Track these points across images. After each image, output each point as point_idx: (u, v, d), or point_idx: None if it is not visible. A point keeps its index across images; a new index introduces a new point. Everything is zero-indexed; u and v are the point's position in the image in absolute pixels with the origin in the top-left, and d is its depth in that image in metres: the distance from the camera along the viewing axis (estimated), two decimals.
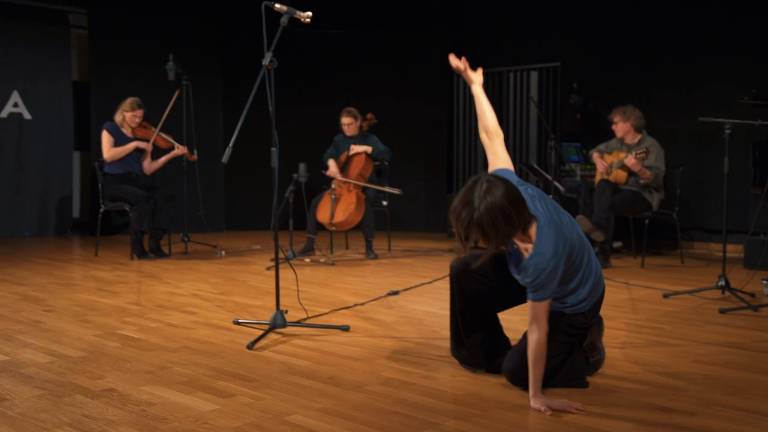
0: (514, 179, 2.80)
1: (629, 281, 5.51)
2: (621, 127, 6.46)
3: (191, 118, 7.31)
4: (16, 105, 8.57)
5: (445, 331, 3.32)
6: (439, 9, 9.55)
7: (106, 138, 6.74)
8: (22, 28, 8.53)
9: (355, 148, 7.00)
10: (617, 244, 7.38)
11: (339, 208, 6.78)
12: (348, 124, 7.11)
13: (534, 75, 7.23)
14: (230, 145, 3.60)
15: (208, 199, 8.46)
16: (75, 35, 9.01)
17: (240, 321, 3.98)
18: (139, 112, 6.81)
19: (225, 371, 3.06)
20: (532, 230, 2.66)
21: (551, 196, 6.62)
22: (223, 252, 7.20)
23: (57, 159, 8.82)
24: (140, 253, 6.65)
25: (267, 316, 4.14)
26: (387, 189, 6.98)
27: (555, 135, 6.62)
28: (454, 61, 3.23)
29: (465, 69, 3.19)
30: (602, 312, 3.10)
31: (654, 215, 6.45)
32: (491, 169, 3.00)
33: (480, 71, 3.25)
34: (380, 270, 6.20)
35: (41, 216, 8.75)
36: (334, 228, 6.84)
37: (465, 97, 8.03)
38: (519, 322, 3.67)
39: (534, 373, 2.64)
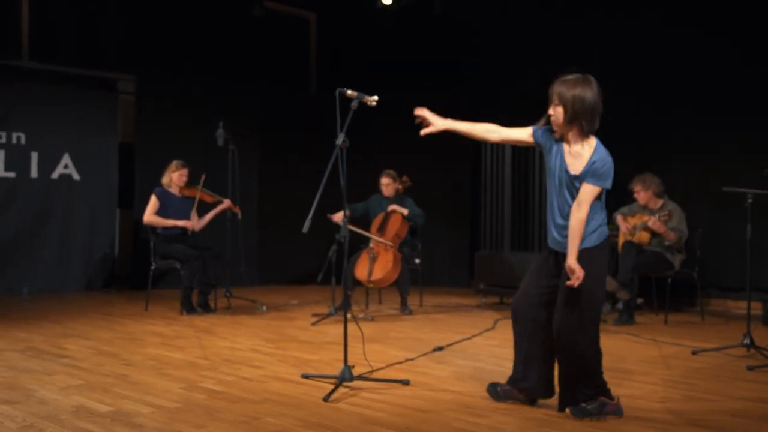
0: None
1: (656, 338, 5.85)
2: (643, 195, 6.88)
3: (236, 178, 7.76)
4: (66, 167, 9.07)
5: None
6: (455, 75, 10.12)
7: (153, 202, 7.20)
8: (73, 94, 9.08)
9: (397, 208, 7.41)
10: (639, 301, 7.73)
11: (377, 266, 7.17)
12: (386, 184, 7.56)
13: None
14: (310, 216, 4.00)
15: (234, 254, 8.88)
16: (122, 100, 9.55)
17: (308, 375, 4.35)
18: (185, 171, 7.31)
19: (310, 421, 3.43)
20: (593, 140, 3.53)
21: None
22: (265, 307, 7.57)
23: (101, 217, 9.28)
24: (189, 308, 7.04)
25: (327, 369, 4.52)
26: (379, 238, 7.24)
27: None
28: (418, 111, 3.83)
29: (425, 116, 3.80)
30: (637, 368, 3.46)
31: (676, 275, 6.82)
32: (520, 132, 3.71)
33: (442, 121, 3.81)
34: (418, 325, 6.56)
35: (85, 272, 9.17)
36: (371, 285, 7.22)
37: (490, 154, 8.46)
38: None
39: (573, 243, 3.45)
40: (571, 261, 3.45)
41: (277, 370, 4.56)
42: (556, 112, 3.49)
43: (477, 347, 5.47)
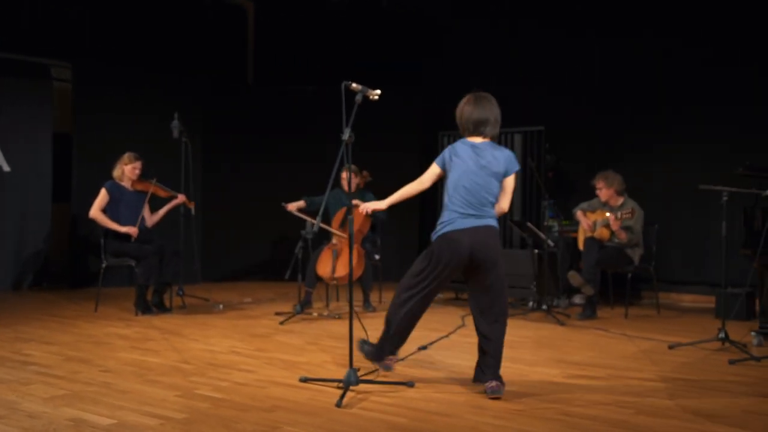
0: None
1: (626, 333, 5.96)
2: (605, 192, 6.99)
3: (189, 173, 7.45)
4: None
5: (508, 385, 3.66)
6: (407, 72, 10.09)
7: (102, 196, 6.82)
8: (4, 81, 8.50)
9: (366, 206, 7.25)
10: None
11: (340, 262, 7.02)
12: (347, 179, 7.38)
13: (518, 137, 7.74)
14: (318, 220, 3.85)
15: (187, 251, 8.56)
16: (56, 87, 9.01)
17: (307, 378, 4.19)
18: (138, 164, 6.94)
19: (334, 430, 3.29)
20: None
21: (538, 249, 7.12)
22: (221, 306, 7.31)
23: (33, 211, 8.74)
24: (144, 308, 6.71)
25: (321, 372, 4.38)
26: (342, 234, 7.16)
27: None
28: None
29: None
30: (624, 364, 3.51)
31: (635, 269, 6.99)
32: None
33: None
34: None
35: (13, 269, 8.62)
36: (335, 282, 7.07)
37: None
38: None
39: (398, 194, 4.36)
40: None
41: (271, 374, 4.38)
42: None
43: (457, 345, 5.43)
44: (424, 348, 5.24)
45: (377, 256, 7.57)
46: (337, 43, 10.28)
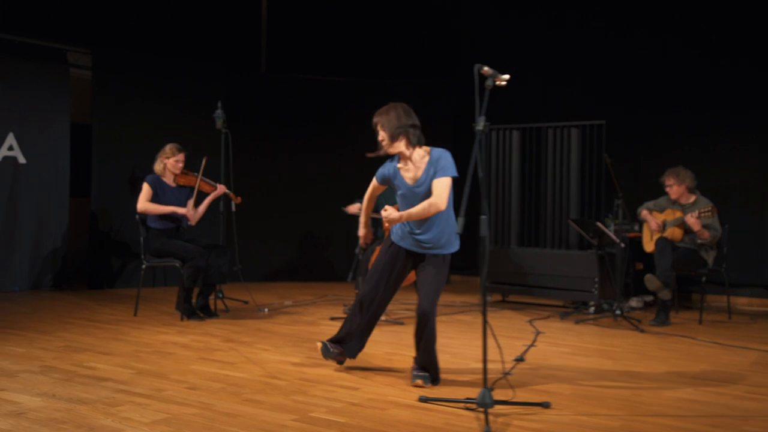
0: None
1: (717, 341, 5.59)
2: (675, 190, 6.62)
3: (230, 164, 6.95)
4: (11, 148, 7.90)
5: (648, 399, 3.25)
6: (435, 61, 9.70)
7: (146, 190, 6.28)
8: (19, 66, 7.91)
9: (388, 217, 6.82)
10: (649, 299, 7.55)
11: None
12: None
13: (575, 132, 7.33)
14: (461, 214, 3.40)
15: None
16: (73, 75, 8.41)
17: (427, 398, 3.75)
18: (181, 156, 6.40)
19: None
20: (424, 148, 4.16)
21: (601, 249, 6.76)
22: (266, 309, 6.83)
23: (51, 206, 8.16)
24: (190, 312, 6.20)
25: (435, 390, 3.95)
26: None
27: (623, 193, 6.74)
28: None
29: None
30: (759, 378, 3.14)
31: (710, 272, 6.63)
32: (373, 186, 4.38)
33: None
34: (452, 329, 6.04)
35: (32, 269, 8.04)
36: None
37: (495, 142, 8.00)
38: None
39: (412, 213, 4.05)
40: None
41: (379, 392, 3.92)
42: (383, 136, 4.14)
43: (551, 355, 5.02)
44: (521, 360, 4.83)
45: None
46: (365, 31, 9.82)
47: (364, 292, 4.29)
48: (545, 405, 3.67)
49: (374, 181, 4.35)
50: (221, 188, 6.62)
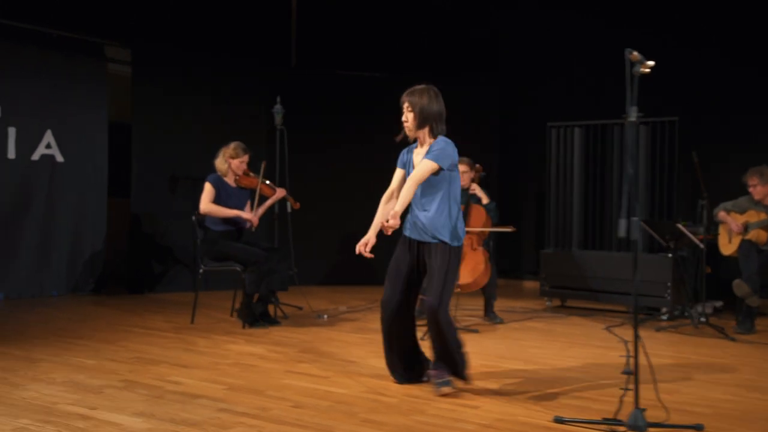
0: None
1: None
2: (760, 190, 6.30)
3: (285, 164, 6.61)
4: (48, 146, 7.53)
5: None
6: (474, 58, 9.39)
7: (209, 190, 5.93)
8: (56, 61, 7.54)
9: (481, 195, 6.47)
10: (718, 304, 7.23)
11: (466, 268, 6.22)
12: (463, 172, 6.58)
13: (643, 129, 7.01)
14: (623, 215, 3.07)
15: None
16: (111, 70, 8.04)
17: (563, 419, 3.40)
18: (246, 158, 6.05)
19: None
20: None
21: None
22: (325, 316, 6.49)
23: (90, 207, 7.80)
24: (252, 320, 5.85)
25: (558, 407, 3.61)
26: (500, 228, 6.45)
27: (707, 194, 6.42)
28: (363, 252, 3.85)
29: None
30: None
31: None
32: (398, 176, 4.08)
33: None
34: (536, 336, 5.71)
35: (71, 272, 7.67)
36: (458, 290, 6.27)
37: (555, 140, 7.65)
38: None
39: (402, 198, 3.80)
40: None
41: (507, 411, 3.56)
42: (409, 118, 3.89)
43: (659, 369, 4.67)
44: (630, 372, 4.48)
45: None
46: (405, 25, 9.47)
47: (382, 300, 4.00)
48: (698, 427, 3.32)
49: (397, 170, 4.09)
50: (281, 192, 6.29)
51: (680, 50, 8.02)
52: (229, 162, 5.99)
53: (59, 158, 7.59)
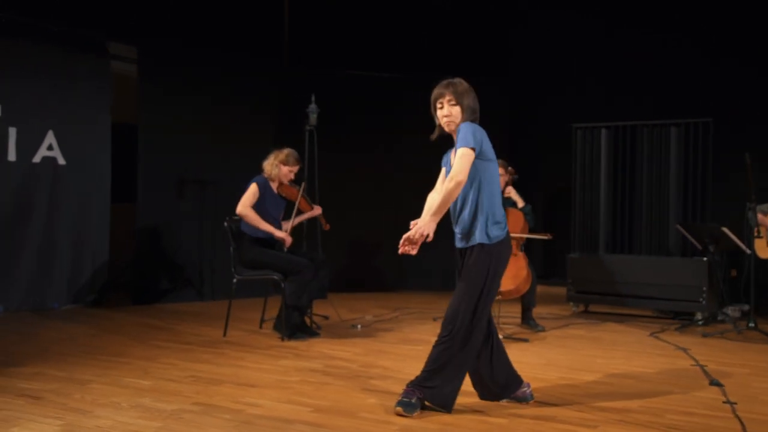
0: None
1: None
2: None
3: (314, 168, 6.29)
4: (50, 148, 7.07)
5: None
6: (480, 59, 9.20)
7: (253, 191, 5.59)
8: (58, 58, 7.08)
9: (516, 198, 6.29)
10: (745, 308, 7.15)
11: (507, 274, 5.99)
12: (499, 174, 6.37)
13: (674, 130, 6.90)
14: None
15: None
16: (114, 68, 7.59)
17: None
18: (296, 168, 5.76)
19: None
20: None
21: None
22: (360, 326, 6.20)
23: (93, 213, 7.34)
24: (292, 332, 5.52)
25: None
26: (537, 235, 6.28)
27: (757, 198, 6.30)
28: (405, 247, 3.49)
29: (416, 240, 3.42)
30: None
31: None
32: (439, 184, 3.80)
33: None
34: (590, 345, 5.51)
35: (72, 282, 7.21)
36: (499, 297, 6.05)
37: (581, 143, 7.50)
38: None
39: (439, 203, 3.43)
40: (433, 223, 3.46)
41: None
42: (453, 112, 3.59)
43: (741, 379, 4.53)
44: (719, 384, 4.31)
45: None
46: (411, 25, 9.23)
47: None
48: None
49: (443, 171, 3.81)
50: (317, 209, 6.01)
51: (708, 54, 7.95)
52: (280, 168, 5.66)
53: (61, 161, 7.13)
